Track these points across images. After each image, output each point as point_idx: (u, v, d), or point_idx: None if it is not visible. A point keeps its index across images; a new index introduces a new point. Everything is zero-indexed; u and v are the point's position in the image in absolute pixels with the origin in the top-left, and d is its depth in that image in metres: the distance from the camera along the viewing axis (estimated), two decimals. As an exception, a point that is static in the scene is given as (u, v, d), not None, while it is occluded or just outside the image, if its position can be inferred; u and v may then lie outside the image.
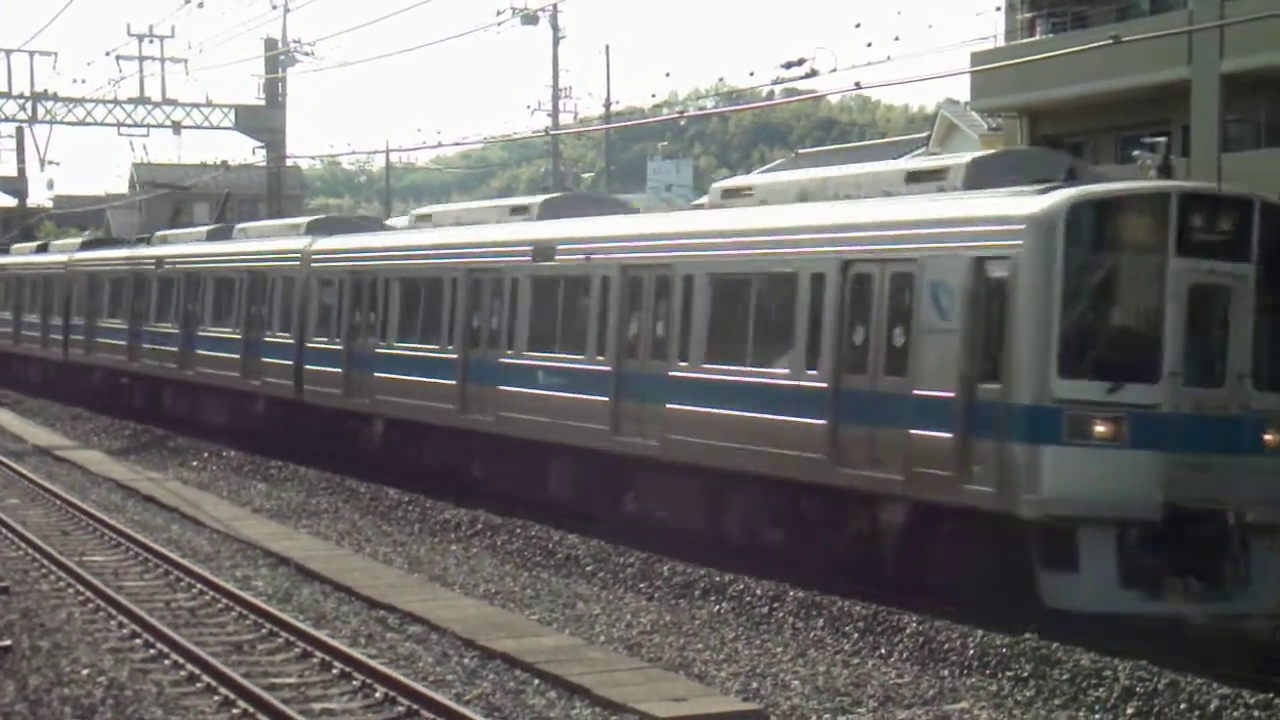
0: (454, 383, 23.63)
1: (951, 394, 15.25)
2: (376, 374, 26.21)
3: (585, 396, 20.86)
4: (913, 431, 15.69)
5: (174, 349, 34.76)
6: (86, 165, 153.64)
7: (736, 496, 18.81)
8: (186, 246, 36.94)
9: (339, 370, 27.46)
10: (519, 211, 25.07)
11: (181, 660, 13.87)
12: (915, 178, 17.41)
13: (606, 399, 20.39)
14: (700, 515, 19.41)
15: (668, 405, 19.24)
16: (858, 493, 16.64)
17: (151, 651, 14.40)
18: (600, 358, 20.73)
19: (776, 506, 18.17)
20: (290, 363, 29.25)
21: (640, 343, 20.13)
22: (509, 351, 22.85)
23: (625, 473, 20.73)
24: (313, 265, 29.29)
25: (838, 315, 16.83)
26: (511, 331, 22.92)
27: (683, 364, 19.17)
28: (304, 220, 34.67)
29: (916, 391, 15.78)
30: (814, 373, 17.09)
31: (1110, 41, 20.48)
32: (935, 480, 15.35)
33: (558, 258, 22.13)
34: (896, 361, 16.11)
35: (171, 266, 36.22)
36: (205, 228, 38.72)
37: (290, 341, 29.42)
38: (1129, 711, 12.37)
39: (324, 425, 28.88)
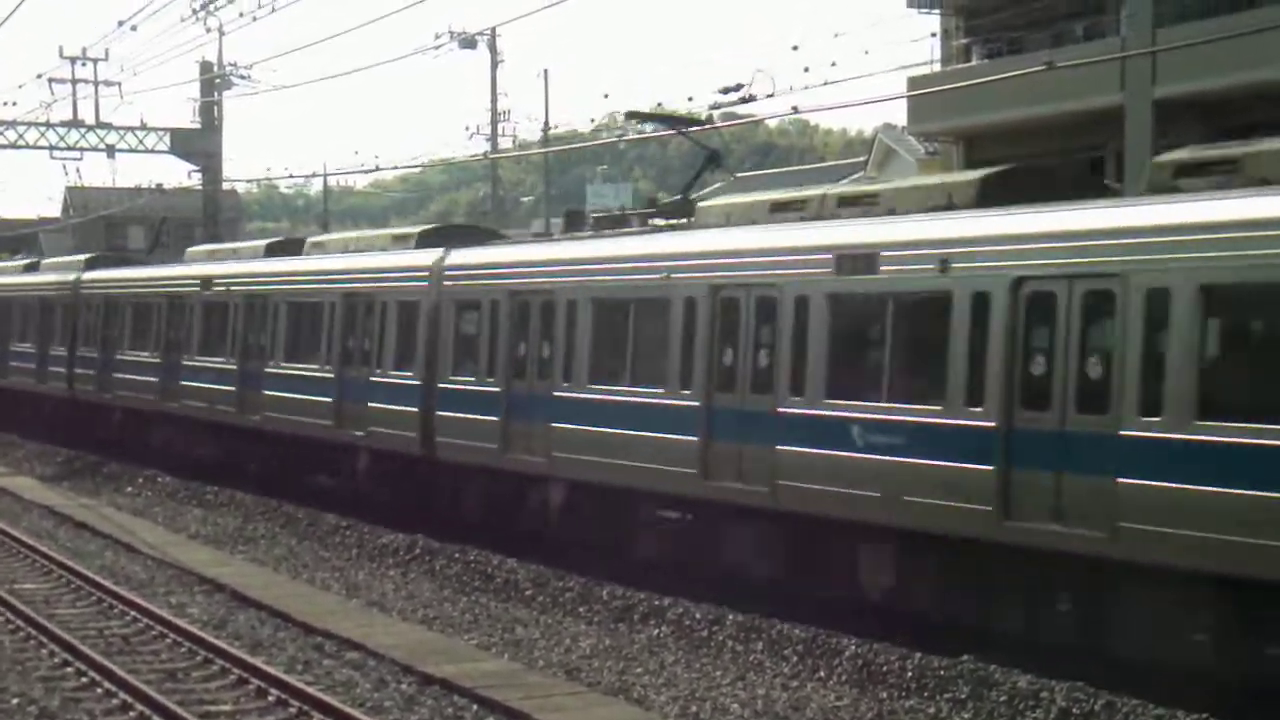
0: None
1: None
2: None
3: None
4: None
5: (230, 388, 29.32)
6: (17, 189, 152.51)
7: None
8: (241, 264, 30.72)
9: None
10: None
11: (114, 689, 13.69)
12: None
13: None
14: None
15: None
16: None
17: (84, 680, 14.22)
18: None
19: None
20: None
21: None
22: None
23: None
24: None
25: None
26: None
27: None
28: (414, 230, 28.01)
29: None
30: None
31: (1044, 67, 20.68)
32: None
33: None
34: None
35: (223, 288, 30.18)
36: (261, 243, 32.30)
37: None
38: (1066, 732, 12.42)
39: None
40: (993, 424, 14.31)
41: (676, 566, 18.47)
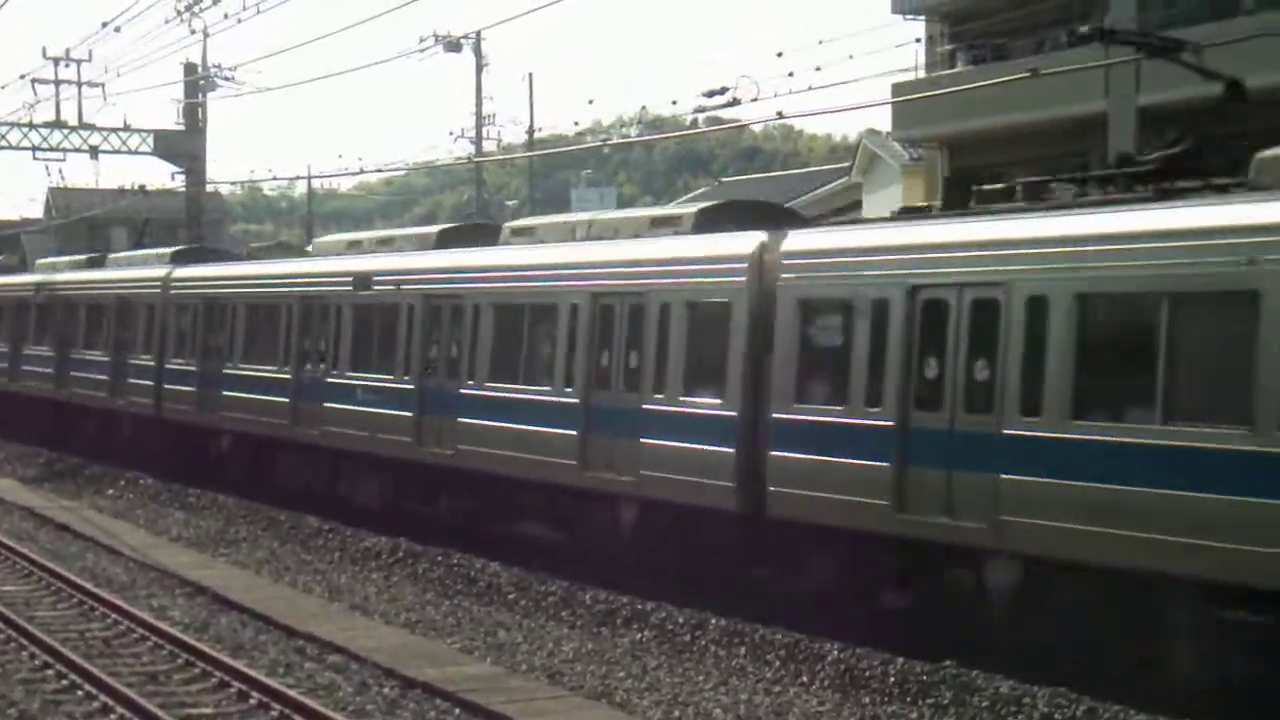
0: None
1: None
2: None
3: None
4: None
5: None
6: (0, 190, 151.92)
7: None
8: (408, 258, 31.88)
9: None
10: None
11: (95, 691, 13.65)
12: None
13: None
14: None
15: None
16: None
17: (64, 683, 14.17)
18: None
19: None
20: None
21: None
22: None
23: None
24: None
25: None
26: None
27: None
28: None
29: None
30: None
31: (1028, 74, 20.73)
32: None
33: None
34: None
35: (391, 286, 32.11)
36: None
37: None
38: (1048, 738, 12.44)
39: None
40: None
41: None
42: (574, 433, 19.21)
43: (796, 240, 17.16)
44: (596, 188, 78.74)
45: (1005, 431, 14.05)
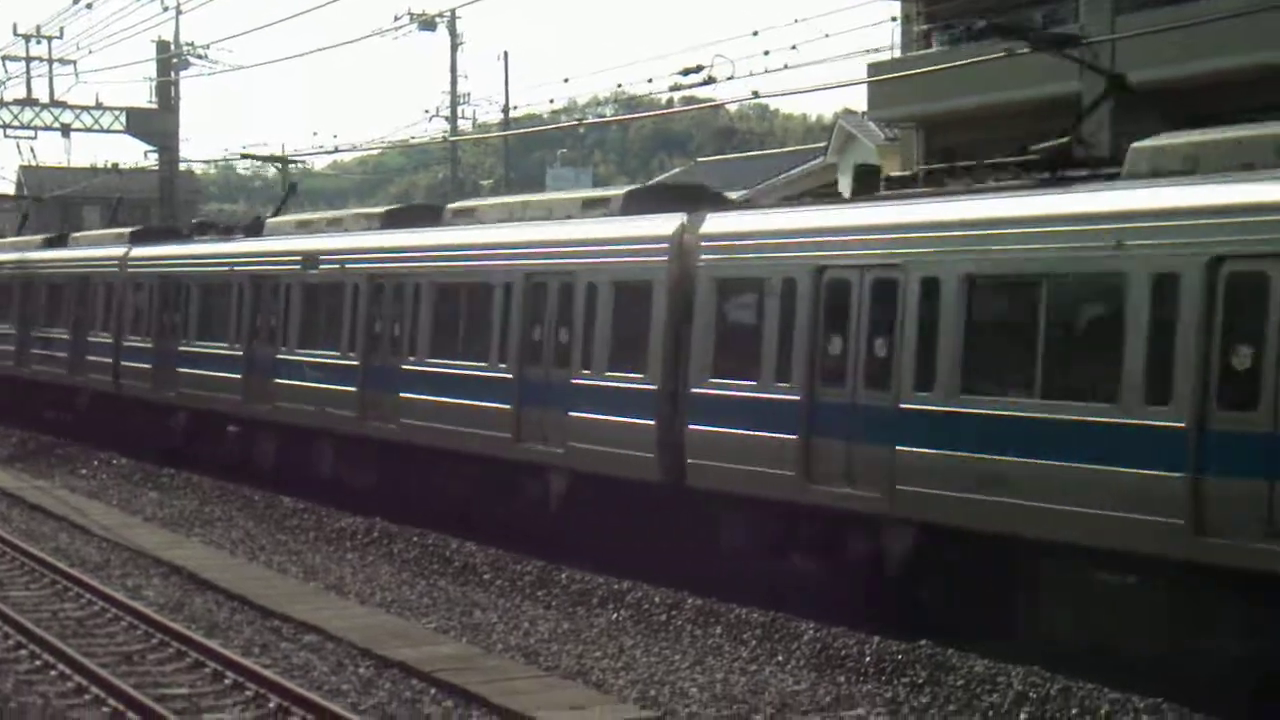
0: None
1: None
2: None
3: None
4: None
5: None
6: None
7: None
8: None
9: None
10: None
11: (69, 671, 13.61)
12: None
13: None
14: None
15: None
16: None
17: (38, 663, 14.12)
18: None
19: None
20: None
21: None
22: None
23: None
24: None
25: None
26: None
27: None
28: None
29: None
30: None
31: (1003, 54, 20.71)
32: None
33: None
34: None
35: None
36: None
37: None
38: (1022, 717, 12.50)
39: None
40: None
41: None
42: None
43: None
44: (572, 167, 78.63)
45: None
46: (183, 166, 52.58)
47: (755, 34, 36.57)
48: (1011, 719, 12.53)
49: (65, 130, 45.24)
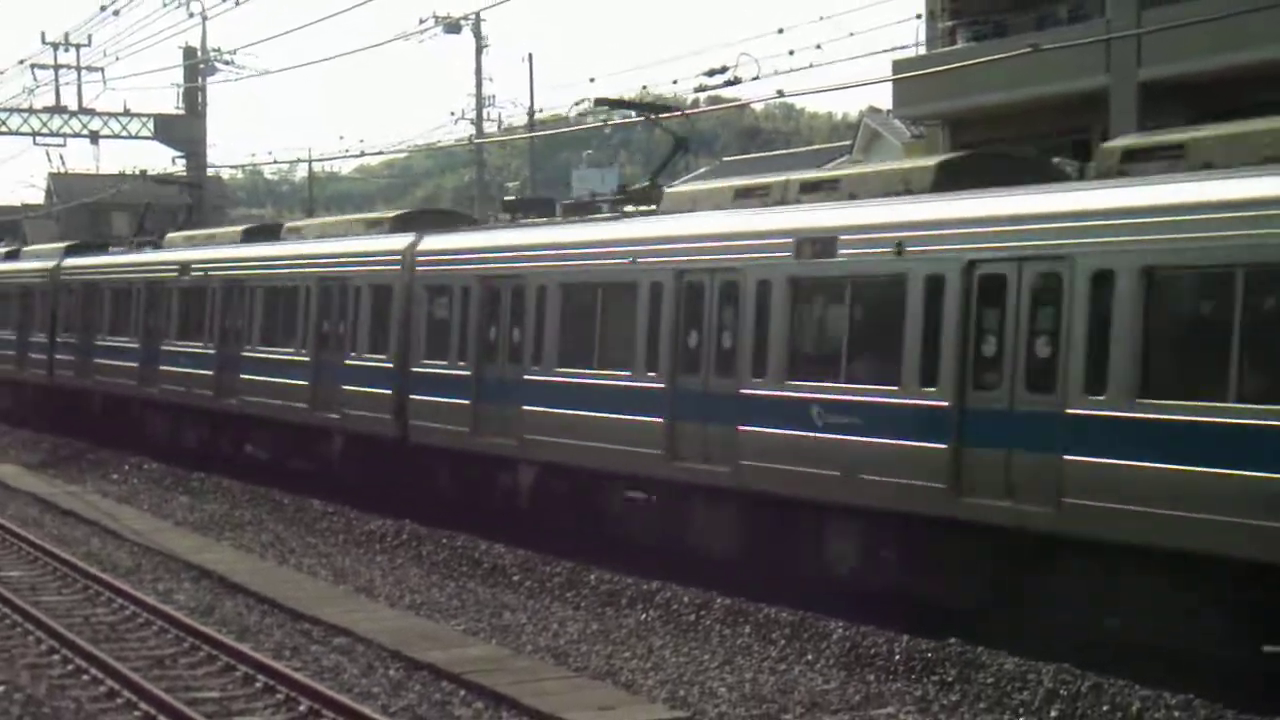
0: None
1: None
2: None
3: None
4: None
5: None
6: (1, 176, 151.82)
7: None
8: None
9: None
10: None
11: (101, 675, 13.67)
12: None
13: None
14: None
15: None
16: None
17: (70, 667, 14.19)
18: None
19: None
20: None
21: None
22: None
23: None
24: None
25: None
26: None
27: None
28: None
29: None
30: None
31: (1029, 50, 20.65)
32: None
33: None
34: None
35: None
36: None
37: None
38: (1053, 714, 12.45)
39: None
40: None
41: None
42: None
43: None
44: (598, 168, 78.61)
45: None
46: (210, 171, 52.77)
47: (780, 32, 36.53)
48: (1042, 716, 12.48)
49: (94, 137, 45.54)
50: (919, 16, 36.17)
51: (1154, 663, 12.82)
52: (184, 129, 46.33)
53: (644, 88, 49.96)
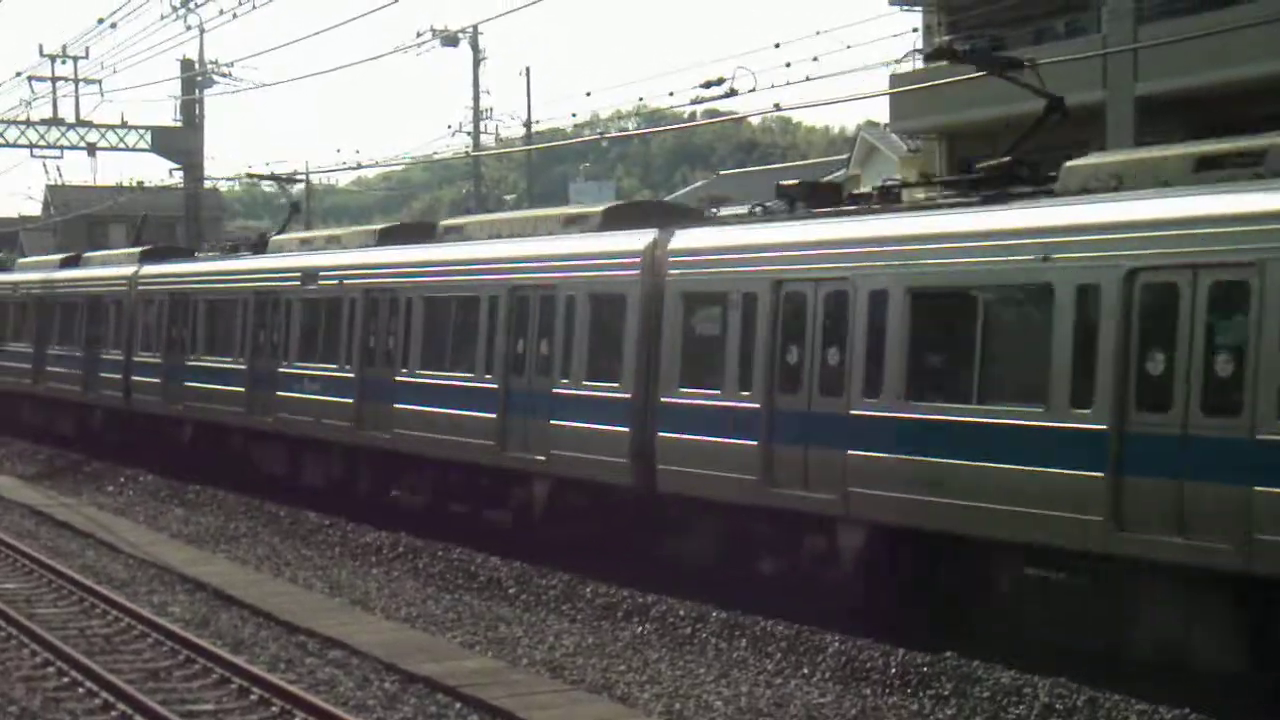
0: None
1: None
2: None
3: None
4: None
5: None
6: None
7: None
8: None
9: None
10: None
11: (96, 688, 13.65)
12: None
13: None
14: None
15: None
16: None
17: (65, 680, 14.17)
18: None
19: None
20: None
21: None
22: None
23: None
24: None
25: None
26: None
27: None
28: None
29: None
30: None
31: (1026, 65, 20.65)
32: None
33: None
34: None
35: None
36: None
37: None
38: (1049, 728, 12.44)
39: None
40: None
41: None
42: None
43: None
44: (595, 181, 78.69)
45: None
46: (207, 183, 52.81)
47: (777, 46, 36.59)
48: (1038, 731, 12.47)
49: (91, 149, 45.55)
50: (915, 30, 36.29)
51: (1150, 677, 12.80)
52: (181, 141, 46.35)
53: (641, 100, 50.06)
